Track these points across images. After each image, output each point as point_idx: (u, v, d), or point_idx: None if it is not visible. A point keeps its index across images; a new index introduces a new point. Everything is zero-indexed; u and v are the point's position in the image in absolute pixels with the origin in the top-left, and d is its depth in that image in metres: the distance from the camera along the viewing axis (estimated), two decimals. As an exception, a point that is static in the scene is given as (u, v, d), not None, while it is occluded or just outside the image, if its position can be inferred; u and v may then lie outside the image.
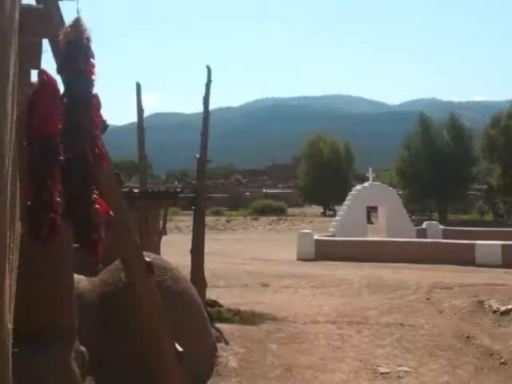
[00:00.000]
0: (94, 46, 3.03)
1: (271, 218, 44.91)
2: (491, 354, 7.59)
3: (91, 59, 3.02)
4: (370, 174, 25.25)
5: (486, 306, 9.99)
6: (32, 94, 3.20)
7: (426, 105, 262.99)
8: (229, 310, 9.85)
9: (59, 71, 3.07)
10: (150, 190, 10.37)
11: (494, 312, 9.57)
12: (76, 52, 2.94)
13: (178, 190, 11.12)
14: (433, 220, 31.21)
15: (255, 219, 44.00)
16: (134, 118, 12.61)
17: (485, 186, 50.41)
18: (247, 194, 70.02)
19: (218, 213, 49.19)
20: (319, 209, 55.77)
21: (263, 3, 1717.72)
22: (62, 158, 3.04)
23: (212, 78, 9.50)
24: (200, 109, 9.64)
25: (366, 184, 25.11)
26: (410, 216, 27.62)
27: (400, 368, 7.08)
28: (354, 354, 7.69)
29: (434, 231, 24.41)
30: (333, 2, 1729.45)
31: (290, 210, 55.49)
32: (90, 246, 3.07)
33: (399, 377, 6.76)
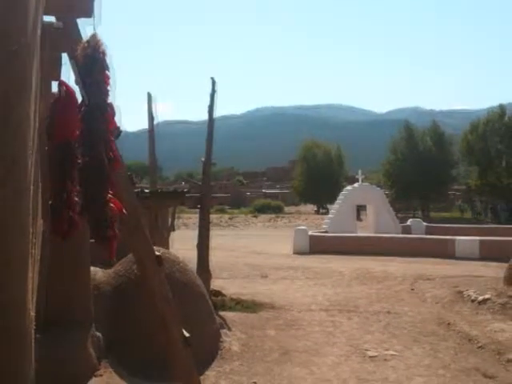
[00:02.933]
0: (109, 59, 3.03)
1: (270, 215, 44.87)
2: (470, 340, 7.58)
3: (106, 71, 3.02)
4: (360, 176, 25.19)
5: (465, 295, 9.98)
6: (53, 103, 3.20)
7: (410, 113, 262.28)
8: (231, 299, 9.83)
9: (77, 82, 3.08)
10: (159, 190, 10.37)
11: (473, 301, 9.56)
12: (93, 65, 2.95)
13: (186, 190, 11.11)
14: (417, 218, 31.15)
15: (255, 217, 43.98)
16: (145, 125, 12.61)
17: (464, 187, 50.32)
18: (248, 193, 69.95)
19: (221, 211, 49.18)
20: (313, 207, 55.75)
21: (264, 22, 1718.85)
22: (79, 161, 3.04)
23: (216, 88, 9.49)
24: (205, 117, 9.63)
25: (355, 185, 25.04)
26: (395, 214, 27.52)
27: (387, 352, 7.07)
28: (345, 339, 7.68)
29: (418, 228, 24.35)
30: (327, 23, 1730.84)
31: (286, 209, 55.49)
32: (106, 241, 3.07)
33: (386, 360, 6.75)
